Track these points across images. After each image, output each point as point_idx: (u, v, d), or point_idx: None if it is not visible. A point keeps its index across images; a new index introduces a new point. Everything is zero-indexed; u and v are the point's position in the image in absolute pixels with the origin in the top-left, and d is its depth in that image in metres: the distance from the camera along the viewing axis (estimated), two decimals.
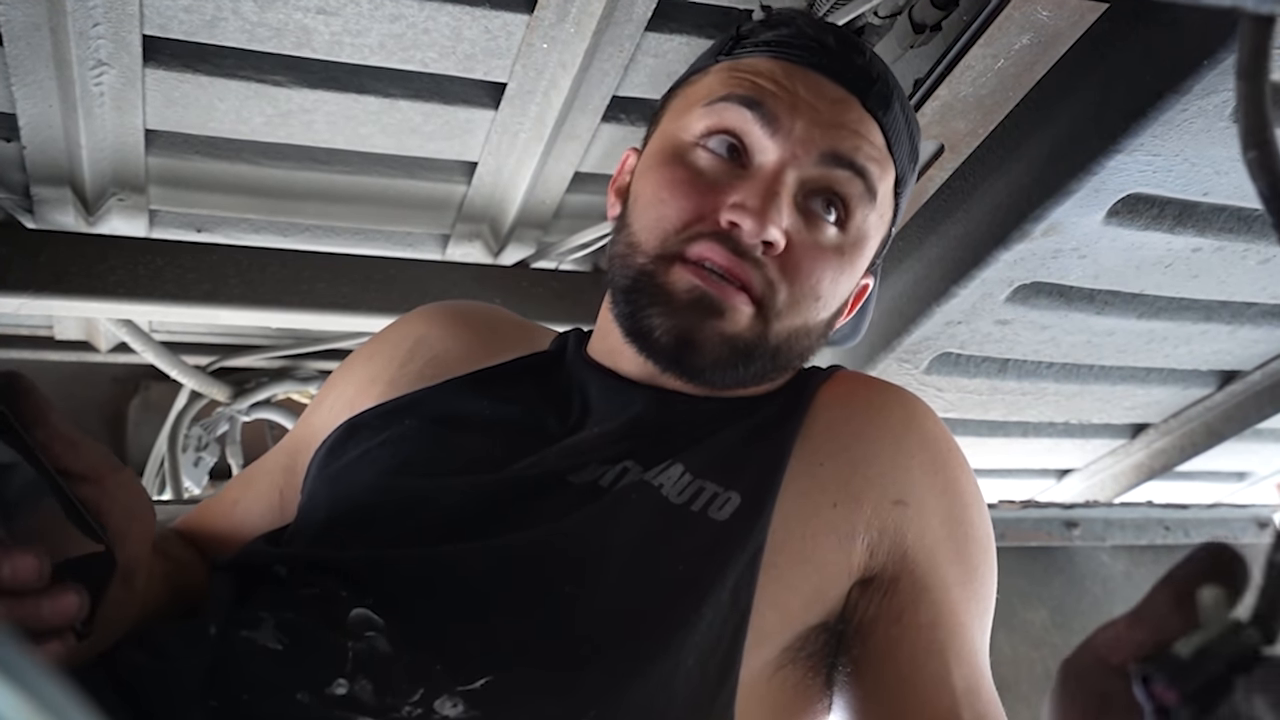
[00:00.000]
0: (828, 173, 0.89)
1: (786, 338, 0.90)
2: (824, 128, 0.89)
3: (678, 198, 0.88)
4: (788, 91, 0.89)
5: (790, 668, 0.82)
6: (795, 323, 0.90)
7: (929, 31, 1.27)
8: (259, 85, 1.35)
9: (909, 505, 0.86)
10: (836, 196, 0.90)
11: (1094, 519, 1.82)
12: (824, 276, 0.90)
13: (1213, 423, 1.82)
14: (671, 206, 0.88)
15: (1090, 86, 1.22)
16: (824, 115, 0.89)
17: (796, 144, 0.88)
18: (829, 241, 0.90)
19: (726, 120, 0.89)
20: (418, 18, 1.27)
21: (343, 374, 1.05)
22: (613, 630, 0.76)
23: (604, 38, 1.31)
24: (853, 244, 0.92)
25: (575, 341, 1.02)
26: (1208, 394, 1.77)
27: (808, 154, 0.88)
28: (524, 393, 0.96)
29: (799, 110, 0.88)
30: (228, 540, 0.98)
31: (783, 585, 0.81)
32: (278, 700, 0.70)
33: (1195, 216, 1.31)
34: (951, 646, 0.82)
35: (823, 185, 0.89)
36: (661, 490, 0.83)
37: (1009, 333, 1.50)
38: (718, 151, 0.89)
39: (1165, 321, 1.51)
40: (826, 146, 0.88)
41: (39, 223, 1.53)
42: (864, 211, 0.91)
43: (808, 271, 0.88)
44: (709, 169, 0.89)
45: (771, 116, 0.88)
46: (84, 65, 1.27)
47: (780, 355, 0.91)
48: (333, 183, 1.57)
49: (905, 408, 0.93)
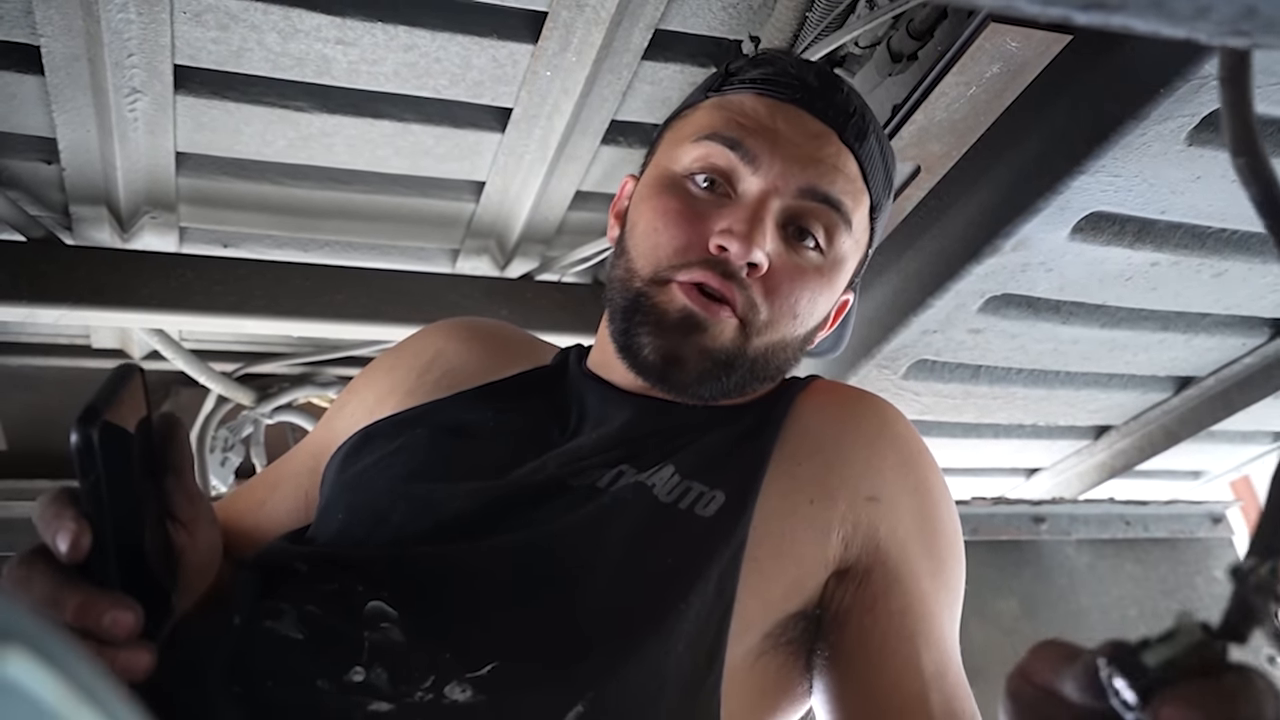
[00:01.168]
0: (806, 205, 0.90)
1: (765, 351, 0.91)
2: (803, 163, 0.90)
3: (670, 226, 0.90)
4: (769, 129, 0.91)
5: (772, 654, 0.82)
6: (774, 338, 0.91)
7: (906, 61, 1.28)
8: (282, 111, 1.35)
9: (881, 502, 0.87)
10: (814, 225, 0.91)
11: (1060, 515, 1.82)
12: (802, 296, 0.91)
13: (1170, 425, 1.82)
14: (665, 235, 0.89)
15: (1056, 112, 1.22)
16: (803, 150, 0.90)
17: (777, 178, 0.89)
18: (808, 264, 0.91)
19: (712, 157, 0.91)
20: (430, 47, 1.27)
21: (365, 381, 1.05)
22: (608, 619, 0.76)
23: (603, 66, 1.31)
24: (830, 266, 0.93)
25: (576, 356, 1.03)
26: (1165, 398, 1.77)
27: (787, 187, 0.89)
28: (528, 404, 0.96)
29: (779, 146, 0.90)
30: (253, 537, 0.97)
31: (764, 576, 0.81)
32: (299, 687, 0.70)
33: (1153, 233, 1.32)
34: (921, 632, 0.82)
35: (801, 215, 0.90)
36: (653, 490, 0.83)
37: (981, 341, 1.50)
38: (705, 185, 0.91)
39: (1126, 331, 1.51)
40: (804, 182, 0.89)
41: (77, 239, 1.53)
42: (840, 238, 0.92)
43: (787, 292, 0.89)
44: (698, 199, 0.90)
45: (753, 155, 0.89)
46: (119, 93, 1.27)
47: (759, 367, 0.92)
48: (351, 201, 1.58)
49: (878, 412, 0.94)
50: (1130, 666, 0.44)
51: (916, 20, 1.24)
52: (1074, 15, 0.42)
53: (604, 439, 0.89)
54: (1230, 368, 1.66)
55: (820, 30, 1.25)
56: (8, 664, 0.25)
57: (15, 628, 0.25)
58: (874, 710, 0.80)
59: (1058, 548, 1.80)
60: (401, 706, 0.69)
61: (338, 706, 0.69)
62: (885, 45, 1.27)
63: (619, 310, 0.92)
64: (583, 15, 1.23)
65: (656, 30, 1.27)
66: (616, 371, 0.95)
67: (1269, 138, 1.15)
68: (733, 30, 1.31)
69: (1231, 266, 1.36)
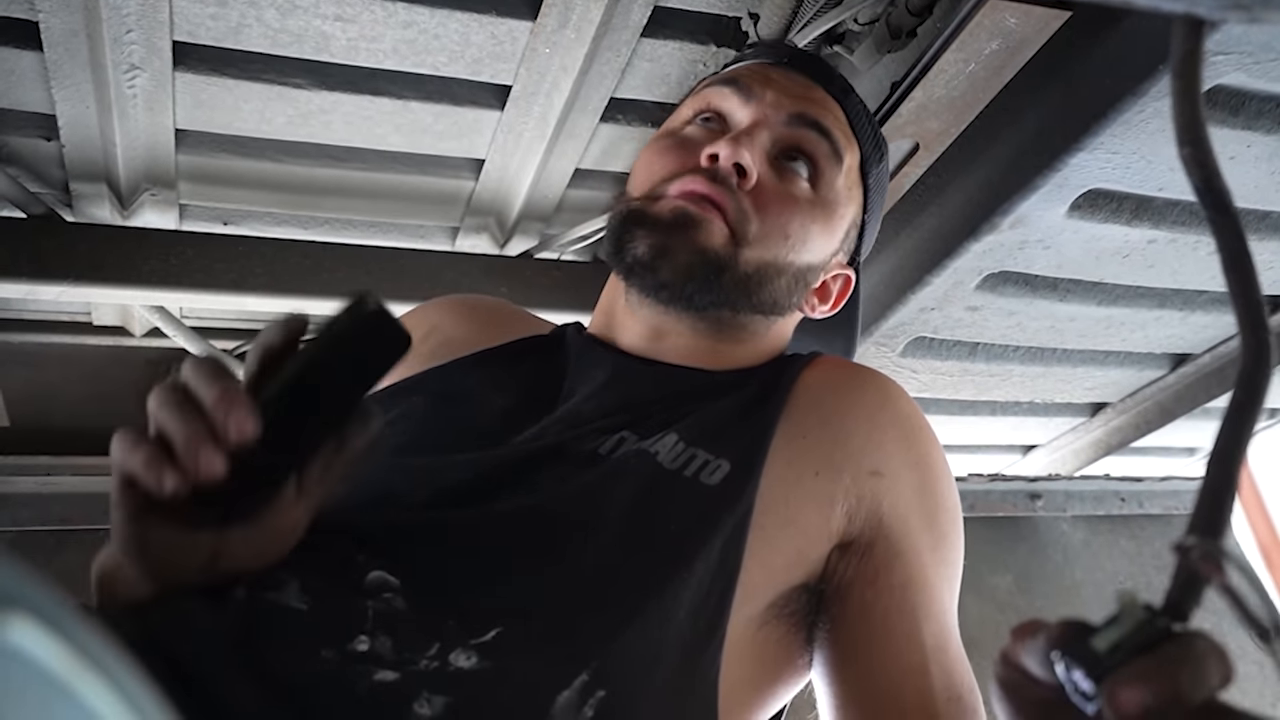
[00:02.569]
0: (796, 131, 0.94)
1: (757, 268, 0.92)
2: (793, 97, 0.96)
3: (664, 156, 0.94)
4: (762, 74, 0.97)
5: (774, 624, 0.83)
6: (765, 256, 0.92)
7: (905, 37, 1.27)
8: (281, 88, 1.35)
9: (884, 476, 0.87)
10: (805, 154, 0.95)
11: (1055, 491, 1.83)
12: (793, 219, 0.93)
13: (1165, 402, 1.83)
14: (659, 163, 0.94)
15: (1054, 89, 1.21)
16: (794, 90, 0.96)
17: (768, 107, 0.94)
18: (800, 192, 0.94)
19: (709, 99, 0.97)
20: (429, 24, 1.26)
21: None
22: (611, 586, 0.76)
23: (602, 43, 1.30)
24: (824, 202, 0.96)
25: (575, 328, 1.04)
26: (1161, 375, 1.78)
27: (778, 115, 0.94)
28: (525, 369, 0.96)
29: (771, 84, 0.96)
30: None
31: (769, 546, 0.81)
32: (303, 658, 0.70)
33: (1151, 210, 1.31)
34: (922, 606, 0.83)
35: (792, 143, 0.94)
36: (657, 457, 0.83)
37: (978, 318, 1.50)
38: (702, 125, 0.96)
39: (1123, 308, 1.51)
40: (794, 109, 0.95)
41: (77, 216, 1.52)
42: (833, 172, 0.96)
43: (777, 211, 0.92)
44: (693, 135, 0.95)
45: (746, 89, 0.95)
46: (118, 69, 1.26)
47: (752, 286, 0.93)
48: (350, 179, 1.57)
49: (881, 389, 0.94)
50: (1081, 654, 0.45)
51: None
52: None
53: (605, 403, 0.89)
54: (1226, 345, 1.66)
55: (819, 7, 1.24)
56: (11, 630, 0.25)
57: (18, 593, 0.25)
58: (876, 682, 0.81)
59: (1053, 524, 1.81)
60: (406, 675, 0.70)
61: (343, 676, 0.69)
62: (884, 22, 1.27)
63: (614, 229, 0.94)
64: None
65: (656, 7, 1.27)
66: (619, 332, 0.97)
67: (1268, 114, 1.15)
68: (731, 7, 1.30)
69: None
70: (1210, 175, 0.51)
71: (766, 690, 0.85)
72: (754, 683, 0.83)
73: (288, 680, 0.70)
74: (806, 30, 1.26)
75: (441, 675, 0.70)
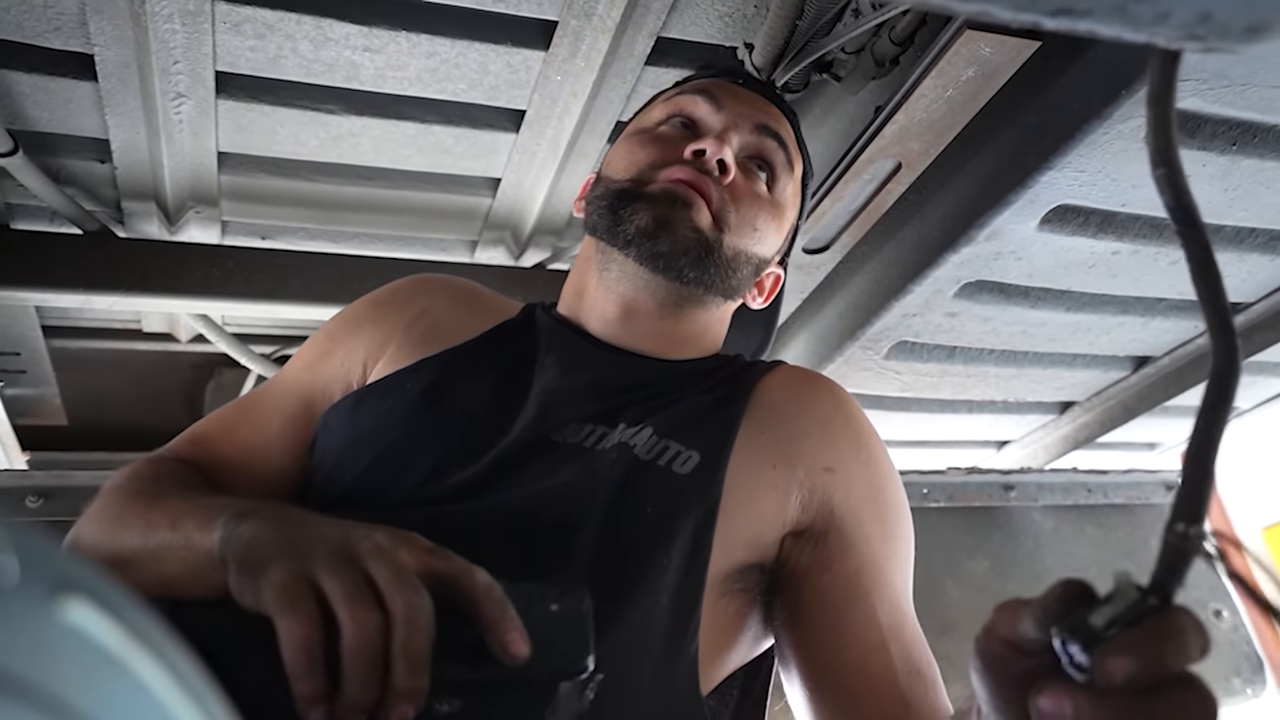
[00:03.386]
0: (760, 140, 0.98)
1: (734, 254, 0.94)
2: (755, 110, 0.99)
3: (646, 147, 0.96)
4: (728, 88, 1.01)
5: (729, 597, 0.82)
6: (739, 244, 0.95)
7: (888, 65, 1.27)
8: (314, 113, 1.35)
9: (836, 472, 0.87)
10: (765, 161, 0.98)
11: (1028, 483, 1.83)
12: (759, 215, 0.96)
13: (1128, 401, 1.82)
14: (642, 153, 0.96)
15: (1026, 112, 1.21)
16: (753, 104, 1.00)
17: (736, 116, 0.97)
18: (762, 192, 0.98)
19: (681, 104, 1.00)
20: (450, 54, 1.27)
21: (351, 330, 0.99)
22: (599, 570, 0.76)
23: (609, 71, 1.30)
24: (777, 205, 0.99)
25: (542, 309, 1.02)
26: (1124, 376, 1.77)
27: (744, 124, 0.98)
28: (503, 355, 0.95)
29: (738, 97, 0.99)
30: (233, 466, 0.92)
31: (729, 528, 0.81)
32: None
33: (1115, 224, 1.31)
34: (876, 590, 0.83)
35: (756, 149, 0.98)
36: (634, 449, 0.83)
37: (956, 324, 1.50)
38: (676, 126, 0.99)
39: (1089, 314, 1.51)
40: (758, 120, 0.98)
41: (128, 232, 1.53)
42: (785, 179, 1.00)
43: (748, 205, 0.95)
44: (669, 134, 0.98)
45: (717, 99, 0.98)
46: (166, 97, 1.27)
47: (728, 270, 0.94)
48: (377, 196, 1.57)
49: (834, 395, 0.94)
50: (1080, 630, 0.45)
51: (898, 28, 1.23)
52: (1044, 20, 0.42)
53: (582, 393, 0.88)
54: (1184, 348, 1.65)
55: (809, 37, 1.24)
56: (71, 611, 0.25)
57: (77, 578, 0.25)
58: (840, 661, 0.81)
59: (1025, 513, 1.81)
60: None
61: None
62: (869, 51, 1.27)
63: (605, 207, 0.94)
64: (590, 24, 1.23)
65: (658, 38, 1.27)
66: (590, 317, 0.97)
67: (1221, 135, 1.14)
68: (728, 38, 1.30)
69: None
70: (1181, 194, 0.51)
71: (724, 655, 0.85)
72: (714, 649, 0.82)
73: None
74: (798, 59, 1.26)
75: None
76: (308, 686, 0.58)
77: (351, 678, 0.57)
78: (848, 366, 1.57)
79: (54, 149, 1.38)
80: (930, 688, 0.80)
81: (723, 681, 0.86)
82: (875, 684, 0.79)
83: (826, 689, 0.81)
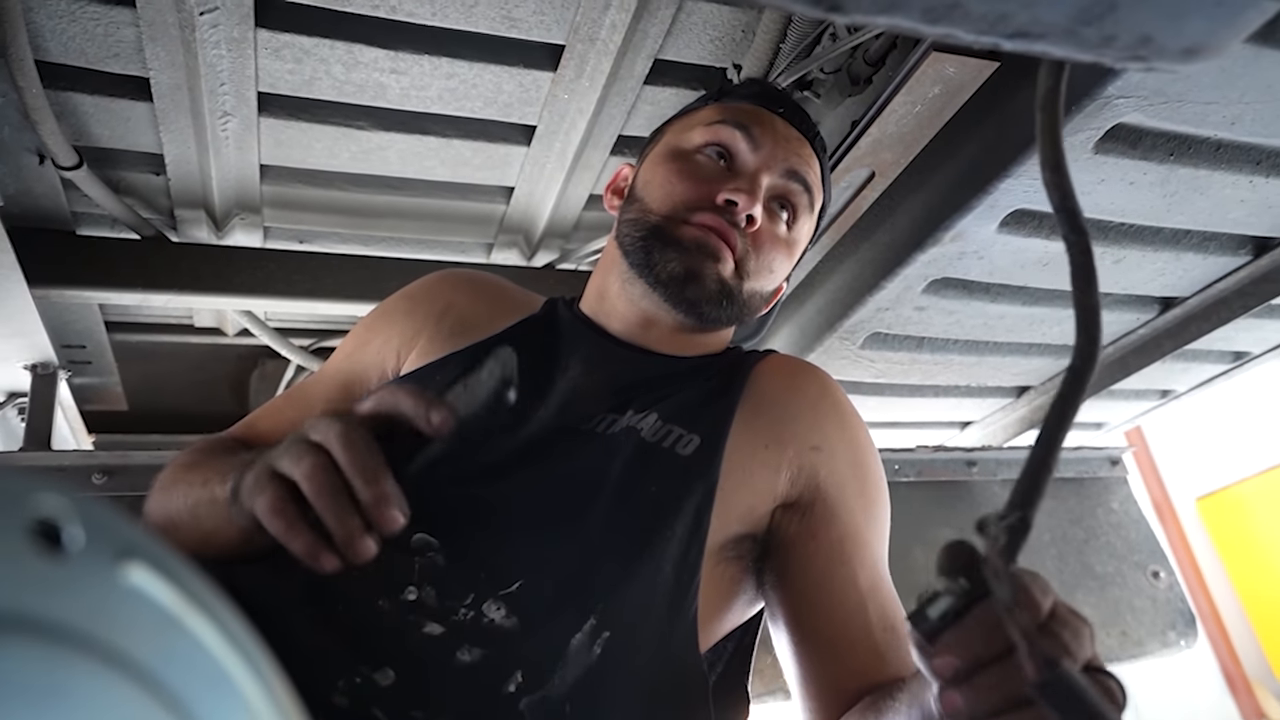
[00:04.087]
0: (787, 184, 0.95)
1: (749, 295, 0.94)
2: (788, 152, 0.95)
3: (684, 180, 0.93)
4: (768, 123, 0.96)
5: (726, 564, 0.83)
6: (755, 286, 0.94)
7: (863, 84, 1.27)
8: (346, 129, 1.35)
9: (822, 451, 0.87)
10: (790, 203, 0.95)
11: (989, 459, 1.83)
12: (777, 257, 0.95)
13: None
14: (680, 186, 0.92)
15: (987, 126, 1.21)
16: (789, 144, 0.95)
17: (770, 157, 0.94)
18: (782, 234, 0.95)
19: (721, 135, 0.95)
20: (468, 75, 1.26)
21: (386, 322, 0.99)
22: (611, 543, 0.76)
23: (612, 90, 1.30)
24: (793, 242, 0.97)
25: (564, 304, 1.02)
26: None
27: (777, 166, 0.94)
28: (527, 347, 0.94)
29: (774, 136, 0.95)
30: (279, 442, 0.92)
31: (727, 503, 0.82)
32: (363, 607, 0.70)
33: None
34: (857, 555, 0.83)
35: (782, 193, 0.95)
36: (641, 433, 0.83)
37: (924, 317, 1.50)
38: (713, 156, 0.94)
39: (1043, 308, 1.51)
40: (789, 165, 0.94)
41: (181, 237, 1.53)
42: (804, 219, 0.97)
43: (768, 250, 0.93)
44: (706, 166, 0.94)
45: (754, 136, 0.94)
46: (214, 116, 1.26)
47: (745, 308, 0.95)
48: (403, 204, 1.57)
49: (821, 381, 0.95)
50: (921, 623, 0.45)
51: (871, 50, 1.23)
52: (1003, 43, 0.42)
53: (599, 385, 0.89)
54: (1126, 338, 1.65)
55: (791, 59, 1.24)
56: (132, 574, 0.25)
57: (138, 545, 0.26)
58: (824, 620, 0.81)
59: (986, 486, 1.81)
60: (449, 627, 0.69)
61: (395, 627, 0.69)
62: (845, 71, 1.26)
63: (637, 240, 0.92)
64: (594, 48, 1.22)
65: (656, 60, 1.27)
66: (610, 318, 0.96)
67: (1160, 147, 1.14)
68: (719, 60, 1.30)
69: (1128, 254, 1.36)
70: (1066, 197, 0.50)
71: (721, 616, 0.85)
72: (712, 610, 0.83)
73: (352, 625, 0.70)
74: (781, 79, 1.25)
75: (477, 627, 0.70)
76: (298, 543, 0.59)
77: (326, 514, 0.58)
78: (827, 355, 1.57)
79: (114, 163, 1.37)
80: (903, 643, 0.80)
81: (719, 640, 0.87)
82: (854, 639, 0.80)
83: (811, 643, 0.81)
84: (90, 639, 0.24)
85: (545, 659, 0.69)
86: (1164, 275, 1.45)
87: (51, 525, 0.24)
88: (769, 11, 1.22)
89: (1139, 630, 1.75)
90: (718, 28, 1.24)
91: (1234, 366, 1.75)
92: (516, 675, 0.68)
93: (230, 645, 0.27)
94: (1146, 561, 1.83)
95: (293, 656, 0.56)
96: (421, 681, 0.66)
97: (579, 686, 0.69)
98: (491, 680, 0.67)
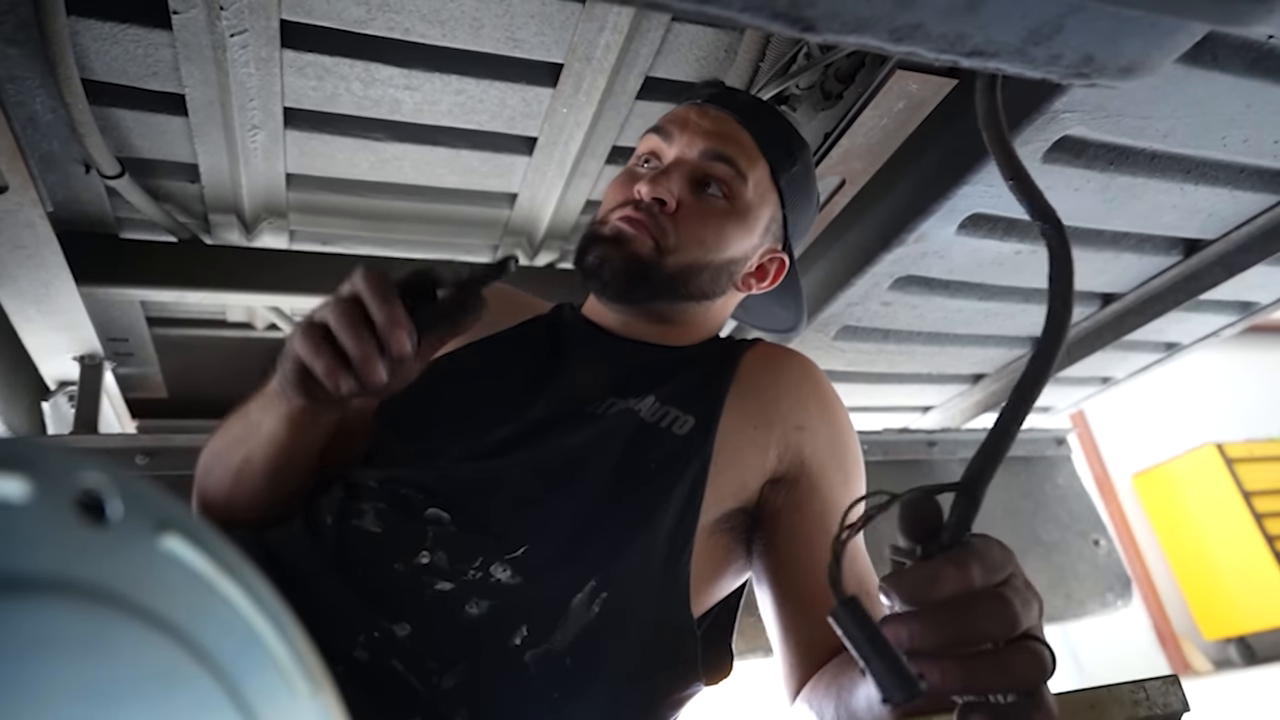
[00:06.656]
0: (706, 164, 0.93)
1: (680, 269, 0.91)
2: (704, 135, 0.94)
3: (614, 190, 0.95)
4: (684, 118, 0.96)
5: (719, 535, 0.83)
6: (685, 259, 0.91)
7: (834, 99, 1.27)
8: (365, 141, 1.34)
9: (805, 430, 0.88)
10: (714, 179, 0.93)
11: (948, 440, 1.84)
12: (708, 229, 0.92)
13: None
14: (612, 197, 0.95)
15: (947, 137, 1.21)
16: (705, 128, 0.95)
17: (686, 146, 0.94)
18: (714, 207, 0.93)
19: (649, 144, 0.97)
20: (476, 91, 1.26)
21: None
22: (611, 513, 0.76)
23: (606, 105, 1.30)
24: (740, 209, 0.94)
25: (570, 307, 1.03)
26: (1026, 353, 1.78)
27: (692, 151, 0.93)
28: (538, 342, 0.96)
29: (687, 127, 0.95)
30: None
31: (719, 479, 0.82)
32: (381, 569, 0.71)
33: (1018, 229, 1.31)
34: (836, 526, 0.83)
35: (704, 173, 0.93)
36: (640, 414, 0.83)
37: (890, 311, 1.50)
38: (645, 164, 0.97)
39: (998, 303, 1.51)
40: (704, 146, 0.93)
41: (214, 240, 1.52)
42: (740, 187, 0.94)
43: (691, 223, 0.91)
44: (638, 174, 0.96)
45: (668, 134, 0.95)
46: (244, 129, 1.26)
47: (678, 281, 0.92)
48: (416, 209, 1.57)
49: (804, 367, 0.95)
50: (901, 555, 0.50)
51: (842, 68, 1.22)
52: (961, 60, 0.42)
53: (598, 373, 0.89)
54: (1072, 330, 1.66)
55: (770, 76, 1.24)
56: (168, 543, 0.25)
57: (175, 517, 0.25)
58: (803, 585, 0.82)
59: (946, 465, 1.82)
60: (459, 584, 0.70)
61: (410, 585, 0.70)
62: (819, 87, 1.26)
63: (579, 246, 0.94)
64: (590, 66, 1.22)
65: (647, 77, 1.26)
66: (604, 316, 0.97)
67: (1101, 157, 1.14)
68: (704, 76, 1.29)
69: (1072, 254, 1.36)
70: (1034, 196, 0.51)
71: (714, 582, 0.86)
72: (706, 577, 0.84)
73: (370, 586, 0.70)
74: (759, 94, 1.25)
75: (485, 584, 0.70)
76: (320, 363, 0.62)
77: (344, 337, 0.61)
78: (803, 346, 1.58)
79: (153, 172, 1.36)
80: (875, 606, 0.81)
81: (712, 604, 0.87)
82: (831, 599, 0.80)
83: (792, 605, 0.82)
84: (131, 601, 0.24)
85: (548, 615, 0.70)
86: (1105, 273, 1.45)
87: (96, 498, 0.24)
88: (749, 32, 1.22)
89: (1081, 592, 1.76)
90: (703, 48, 1.24)
91: (1166, 356, 1.76)
92: (522, 629, 0.69)
93: (258, 607, 0.27)
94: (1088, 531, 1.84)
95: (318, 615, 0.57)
96: (434, 632, 0.67)
97: (579, 642, 0.70)
98: (499, 632, 0.68)
